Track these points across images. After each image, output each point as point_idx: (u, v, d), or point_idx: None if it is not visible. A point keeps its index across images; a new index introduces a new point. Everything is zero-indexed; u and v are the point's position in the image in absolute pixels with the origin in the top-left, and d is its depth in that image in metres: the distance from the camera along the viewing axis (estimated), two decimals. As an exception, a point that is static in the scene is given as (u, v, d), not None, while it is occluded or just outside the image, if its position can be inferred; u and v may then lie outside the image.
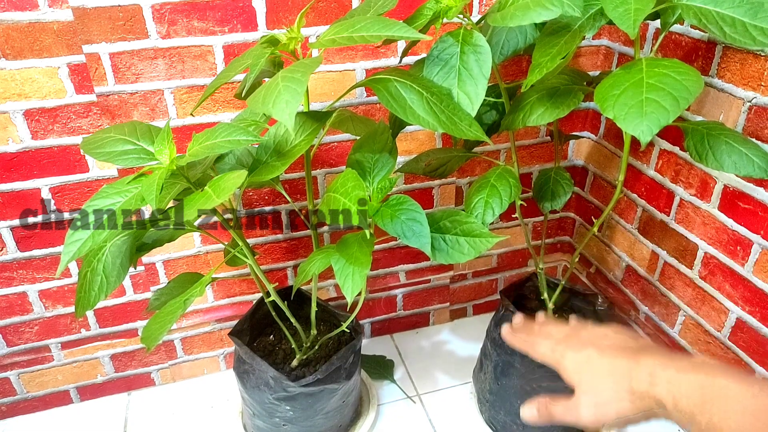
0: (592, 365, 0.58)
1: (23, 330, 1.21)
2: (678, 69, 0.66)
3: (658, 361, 0.54)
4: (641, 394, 0.53)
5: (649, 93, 0.64)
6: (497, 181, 0.88)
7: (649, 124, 0.62)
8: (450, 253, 0.83)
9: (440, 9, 0.76)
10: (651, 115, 0.63)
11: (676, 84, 0.64)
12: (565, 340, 0.63)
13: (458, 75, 0.73)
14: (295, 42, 0.77)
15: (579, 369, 0.59)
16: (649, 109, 0.63)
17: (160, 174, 0.70)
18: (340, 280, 0.77)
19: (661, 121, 0.62)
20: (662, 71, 0.66)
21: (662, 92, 0.64)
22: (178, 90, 1.04)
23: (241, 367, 1.07)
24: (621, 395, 0.54)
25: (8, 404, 1.28)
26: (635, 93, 0.65)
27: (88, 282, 0.78)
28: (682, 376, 0.51)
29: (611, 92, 0.67)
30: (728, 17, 0.66)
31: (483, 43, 0.72)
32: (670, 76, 0.65)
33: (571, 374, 0.60)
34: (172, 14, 0.97)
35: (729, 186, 0.98)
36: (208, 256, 1.24)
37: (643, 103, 0.64)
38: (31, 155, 1.04)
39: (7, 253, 1.11)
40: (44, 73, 0.98)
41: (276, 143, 0.80)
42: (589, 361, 0.59)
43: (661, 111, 0.62)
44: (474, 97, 0.73)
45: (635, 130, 0.63)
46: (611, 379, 0.56)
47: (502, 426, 1.19)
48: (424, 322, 1.54)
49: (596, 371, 0.57)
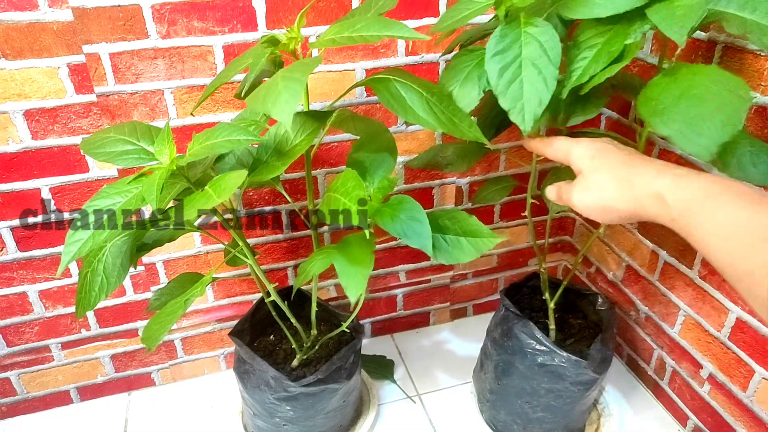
0: (604, 153, 0.61)
1: (23, 330, 1.21)
2: (720, 78, 0.63)
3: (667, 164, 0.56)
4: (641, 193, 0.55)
5: (699, 107, 0.61)
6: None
7: (708, 143, 0.60)
8: (451, 253, 0.82)
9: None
10: (707, 133, 0.60)
11: (727, 97, 0.61)
12: (575, 140, 0.65)
13: (523, 72, 0.69)
14: (295, 42, 0.77)
15: (589, 155, 0.62)
16: (703, 127, 0.60)
17: (161, 174, 0.70)
18: (343, 281, 0.76)
19: (717, 139, 0.59)
20: (704, 80, 0.63)
21: (711, 106, 0.61)
22: (178, 90, 1.04)
23: (242, 367, 1.07)
24: (619, 183, 0.57)
25: (9, 404, 1.28)
26: (684, 108, 0.62)
27: (88, 282, 0.78)
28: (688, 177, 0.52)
29: (655, 107, 0.64)
30: (766, 27, 0.64)
31: (548, 29, 0.68)
32: (715, 87, 0.62)
33: (580, 159, 0.63)
34: (172, 14, 0.97)
35: (729, 185, 0.98)
36: (208, 256, 1.24)
37: (695, 121, 0.61)
38: (31, 155, 1.04)
39: (8, 253, 1.11)
40: (44, 73, 0.98)
41: (276, 143, 0.80)
42: (601, 149, 0.61)
43: (717, 129, 0.60)
44: (550, 82, 0.68)
45: (694, 150, 0.60)
46: (617, 170, 0.58)
47: (502, 426, 1.19)
48: (425, 322, 1.54)
49: (605, 159, 0.60)
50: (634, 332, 1.32)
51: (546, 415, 1.11)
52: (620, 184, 0.57)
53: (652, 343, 1.26)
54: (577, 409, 1.12)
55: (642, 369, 1.33)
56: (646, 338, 1.28)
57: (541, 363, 1.05)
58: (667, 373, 1.24)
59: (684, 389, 1.20)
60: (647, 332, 1.28)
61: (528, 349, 1.06)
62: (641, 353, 1.32)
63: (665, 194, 0.52)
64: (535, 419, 1.12)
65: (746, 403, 1.04)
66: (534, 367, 1.06)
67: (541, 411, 1.11)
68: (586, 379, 1.05)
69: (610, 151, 0.61)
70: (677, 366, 1.20)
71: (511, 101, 0.69)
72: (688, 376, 1.18)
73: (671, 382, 1.24)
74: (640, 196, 0.55)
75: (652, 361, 1.28)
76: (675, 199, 0.51)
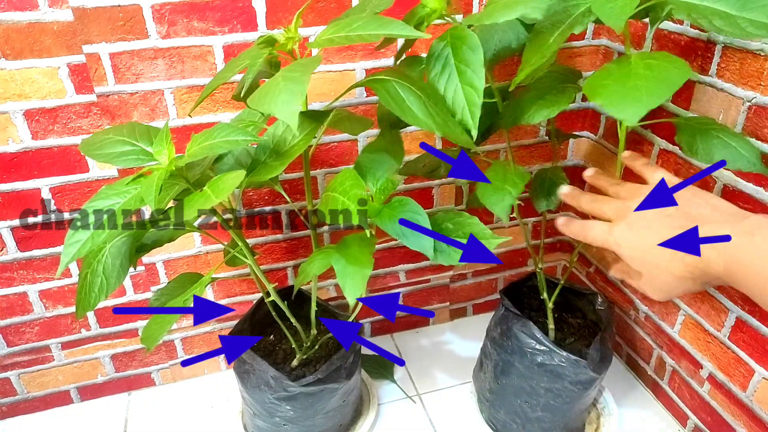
0: (646, 248, 0.58)
1: (24, 330, 1.21)
2: (666, 59, 0.67)
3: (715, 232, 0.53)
4: (696, 276, 0.54)
5: (637, 81, 0.65)
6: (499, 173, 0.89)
7: (636, 107, 0.62)
8: (451, 255, 0.83)
9: (425, 13, 0.78)
10: (637, 99, 0.63)
11: (663, 70, 0.65)
12: (618, 221, 0.62)
13: (457, 71, 0.73)
14: (292, 42, 0.78)
15: (634, 251, 0.59)
16: (636, 94, 0.63)
17: (159, 174, 0.70)
18: (341, 281, 0.77)
19: (648, 103, 0.62)
20: (651, 62, 0.67)
21: (649, 79, 0.64)
22: (178, 90, 1.04)
23: (242, 366, 1.07)
24: (677, 278, 0.56)
25: (9, 404, 1.28)
26: (624, 81, 0.66)
27: (88, 283, 0.78)
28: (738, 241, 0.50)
29: (600, 82, 0.68)
30: (717, 11, 0.66)
31: (469, 33, 0.73)
32: (658, 65, 0.66)
33: (627, 255, 0.61)
34: (172, 14, 0.97)
35: (729, 186, 0.98)
36: (208, 256, 1.24)
37: (630, 90, 0.64)
38: (31, 155, 1.04)
39: (8, 253, 1.12)
40: (44, 74, 0.98)
41: (274, 143, 0.80)
42: (642, 243, 0.59)
43: (647, 94, 0.63)
44: (477, 84, 0.72)
45: (622, 114, 0.63)
46: (666, 263, 0.56)
47: (502, 425, 1.20)
48: (424, 322, 1.54)
49: (650, 254, 0.57)
50: (633, 332, 1.32)
51: (545, 414, 1.11)
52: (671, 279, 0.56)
53: (652, 342, 1.27)
54: (576, 408, 1.12)
55: (641, 368, 1.33)
56: (646, 338, 1.28)
57: (541, 362, 1.05)
58: (667, 372, 1.24)
59: (683, 389, 1.20)
60: (647, 332, 1.28)
61: (527, 349, 1.06)
62: (641, 353, 1.32)
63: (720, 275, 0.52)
64: (535, 419, 1.12)
65: (746, 403, 1.04)
66: (533, 366, 1.06)
67: (540, 410, 1.11)
68: (585, 378, 1.05)
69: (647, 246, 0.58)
70: (677, 365, 1.20)
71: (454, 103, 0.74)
72: (688, 375, 1.18)
73: (671, 382, 1.24)
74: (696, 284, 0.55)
75: (651, 361, 1.28)
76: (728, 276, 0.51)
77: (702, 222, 0.54)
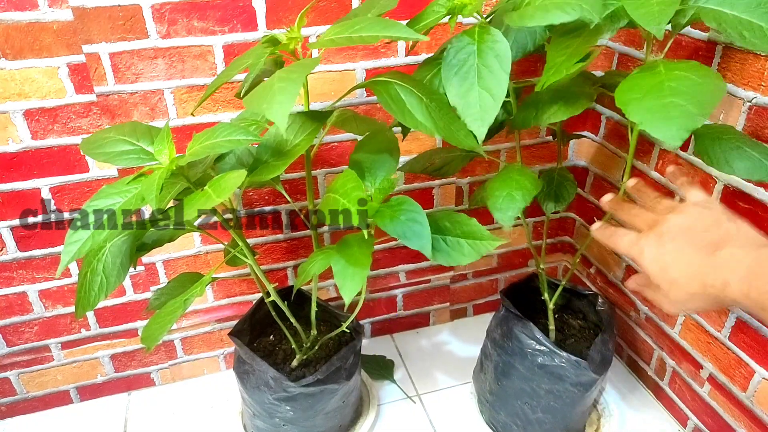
0: (668, 264, 0.58)
1: (23, 330, 1.21)
2: (697, 71, 0.65)
3: (735, 257, 0.54)
4: (713, 297, 0.54)
5: (672, 97, 0.63)
6: (520, 177, 0.87)
7: (678, 129, 0.61)
8: (450, 255, 0.82)
9: (455, 6, 0.75)
10: (677, 119, 0.61)
11: (699, 87, 0.63)
12: (647, 233, 0.62)
13: (478, 73, 0.72)
14: (295, 42, 0.77)
15: (655, 264, 0.59)
16: (674, 113, 0.62)
17: (160, 174, 0.69)
18: (339, 281, 0.76)
19: (689, 125, 0.61)
20: (682, 74, 0.65)
21: (685, 96, 0.62)
22: (178, 90, 1.04)
23: (242, 367, 1.07)
24: (693, 296, 0.56)
25: (8, 404, 1.28)
26: (657, 96, 0.64)
27: (88, 282, 0.78)
28: (759, 270, 0.51)
29: (631, 95, 0.66)
30: (745, 21, 0.65)
31: (501, 39, 0.71)
32: (691, 79, 0.64)
33: (648, 267, 0.60)
34: (172, 14, 0.97)
35: (729, 186, 0.98)
36: (208, 256, 1.24)
37: (667, 107, 0.62)
38: (31, 155, 1.04)
39: (7, 253, 1.11)
40: (44, 73, 0.97)
41: (276, 143, 0.80)
42: (665, 258, 0.59)
43: (688, 115, 0.61)
44: (497, 94, 0.71)
45: (664, 135, 0.62)
46: (685, 281, 0.56)
47: (502, 426, 1.19)
48: (425, 322, 1.54)
49: (671, 270, 0.58)
50: (634, 333, 1.32)
51: (546, 416, 1.11)
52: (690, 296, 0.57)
53: (653, 343, 1.26)
54: (577, 409, 1.12)
55: (642, 370, 1.33)
56: (647, 339, 1.28)
57: (541, 363, 1.05)
58: (668, 373, 1.24)
59: (684, 390, 1.20)
60: (647, 333, 1.27)
61: (528, 350, 1.06)
62: (641, 354, 1.32)
63: (740, 301, 0.52)
64: (535, 420, 1.12)
65: (746, 404, 1.04)
66: (534, 367, 1.06)
67: (540, 412, 1.11)
68: (586, 379, 1.05)
69: (670, 259, 0.59)
70: (677, 366, 1.20)
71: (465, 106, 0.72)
72: (689, 376, 1.17)
73: (671, 383, 1.23)
74: (716, 303, 0.55)
75: (652, 362, 1.28)
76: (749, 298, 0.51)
77: (727, 245, 0.55)
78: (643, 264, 0.61)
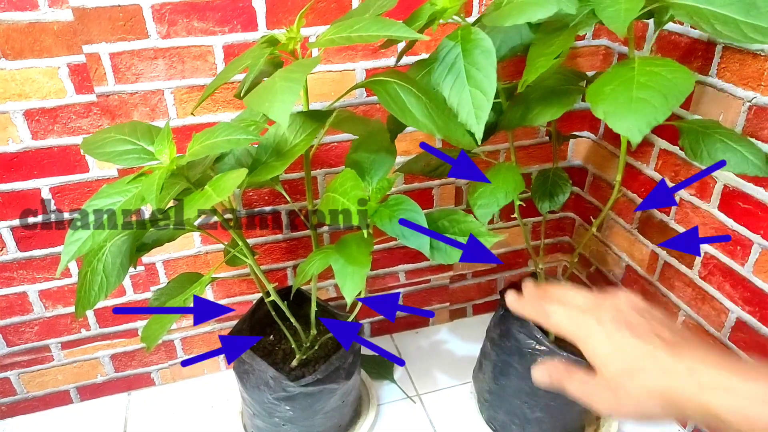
0: (623, 349, 0.47)
1: (23, 330, 1.21)
2: (670, 68, 0.66)
3: (707, 361, 0.43)
4: (681, 400, 0.43)
5: (639, 91, 0.64)
6: (500, 176, 0.88)
7: (638, 122, 0.62)
8: (449, 253, 0.83)
9: (436, 11, 0.76)
10: (639, 113, 0.62)
11: (667, 83, 0.64)
12: (590, 311, 0.51)
13: (466, 73, 0.73)
14: (294, 42, 0.78)
15: (605, 350, 0.48)
16: (638, 106, 0.63)
17: (161, 173, 0.70)
18: (340, 281, 0.77)
19: (650, 120, 0.62)
20: (654, 69, 0.66)
21: (652, 91, 0.63)
22: (178, 90, 1.05)
23: (241, 366, 1.07)
24: (652, 395, 0.44)
25: (8, 404, 1.28)
26: (625, 90, 0.65)
27: (88, 282, 0.78)
28: (748, 386, 0.41)
29: (602, 89, 0.67)
30: (720, 15, 0.66)
31: (484, 36, 0.72)
32: (661, 75, 0.65)
33: (595, 352, 0.48)
34: (172, 14, 0.97)
35: (729, 186, 0.98)
36: (207, 257, 1.24)
37: (631, 101, 0.63)
38: (31, 155, 1.04)
39: (7, 253, 1.11)
40: (44, 74, 0.98)
41: (276, 143, 0.80)
42: (618, 342, 0.47)
43: (650, 109, 0.62)
44: (487, 90, 0.72)
45: (623, 129, 0.63)
46: (644, 373, 0.45)
47: (501, 426, 1.20)
48: (424, 322, 1.54)
49: (626, 357, 0.46)
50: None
51: (544, 415, 1.11)
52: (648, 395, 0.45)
53: (652, 343, 1.26)
54: (575, 409, 1.12)
55: (641, 369, 1.32)
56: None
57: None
58: (667, 373, 1.24)
59: (683, 389, 1.20)
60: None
61: (527, 349, 1.06)
62: (640, 353, 1.31)
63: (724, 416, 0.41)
64: (534, 419, 1.12)
65: (745, 404, 1.04)
66: (532, 367, 1.06)
67: (539, 411, 1.11)
68: (585, 379, 1.05)
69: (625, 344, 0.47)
70: (676, 366, 1.20)
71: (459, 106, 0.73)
72: (687, 376, 1.17)
73: (670, 383, 1.23)
74: (679, 411, 0.44)
75: (651, 362, 1.28)
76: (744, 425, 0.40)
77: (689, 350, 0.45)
78: (587, 345, 0.49)
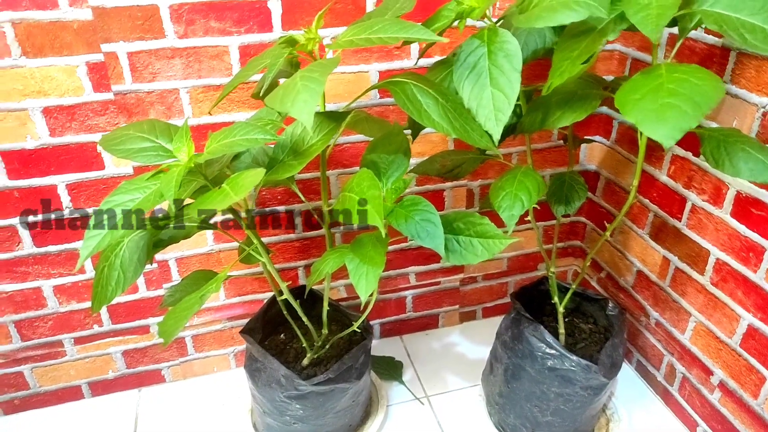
0: None
1: (37, 324, 1.22)
2: (697, 74, 0.66)
3: None
4: None
5: (669, 98, 0.64)
6: (524, 177, 0.88)
7: (671, 129, 0.62)
8: (463, 255, 0.83)
9: (463, 10, 0.76)
10: (672, 120, 0.62)
11: (697, 89, 0.64)
12: None
13: (489, 74, 0.73)
14: (313, 43, 0.78)
15: None
16: (670, 113, 0.63)
17: (179, 171, 0.70)
18: (354, 280, 0.77)
19: (683, 125, 0.61)
20: (681, 76, 0.66)
21: (682, 97, 0.63)
22: (194, 89, 1.05)
23: (253, 365, 1.07)
24: None
25: (21, 398, 1.29)
26: (655, 97, 0.65)
27: (105, 277, 0.79)
28: None
29: (631, 96, 0.67)
30: (748, 23, 0.65)
31: (510, 39, 0.72)
32: (690, 81, 0.65)
33: None
34: (189, 14, 0.98)
35: (742, 192, 0.98)
36: (220, 255, 1.25)
37: (663, 108, 0.63)
38: (48, 152, 1.05)
39: (23, 248, 1.13)
40: (63, 71, 0.99)
41: (293, 142, 0.81)
42: None
43: (683, 116, 0.62)
44: (510, 93, 0.72)
45: (657, 135, 0.62)
46: None
47: (511, 429, 1.19)
48: (434, 324, 1.54)
49: None
50: (644, 338, 1.32)
51: (555, 419, 1.11)
52: None
53: (663, 349, 1.26)
54: (586, 413, 1.12)
55: (651, 375, 1.32)
56: (657, 344, 1.28)
57: (551, 367, 1.05)
58: (677, 379, 1.24)
59: (694, 396, 1.19)
60: (657, 338, 1.27)
61: (538, 353, 1.06)
62: (651, 359, 1.31)
63: None
64: (545, 423, 1.12)
65: (757, 411, 1.04)
66: (544, 370, 1.06)
67: (550, 415, 1.11)
68: (595, 383, 1.05)
69: None
70: (687, 372, 1.20)
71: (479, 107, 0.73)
72: (698, 382, 1.17)
73: (681, 389, 1.23)
74: None
75: (662, 367, 1.28)
76: None
77: None
78: None
